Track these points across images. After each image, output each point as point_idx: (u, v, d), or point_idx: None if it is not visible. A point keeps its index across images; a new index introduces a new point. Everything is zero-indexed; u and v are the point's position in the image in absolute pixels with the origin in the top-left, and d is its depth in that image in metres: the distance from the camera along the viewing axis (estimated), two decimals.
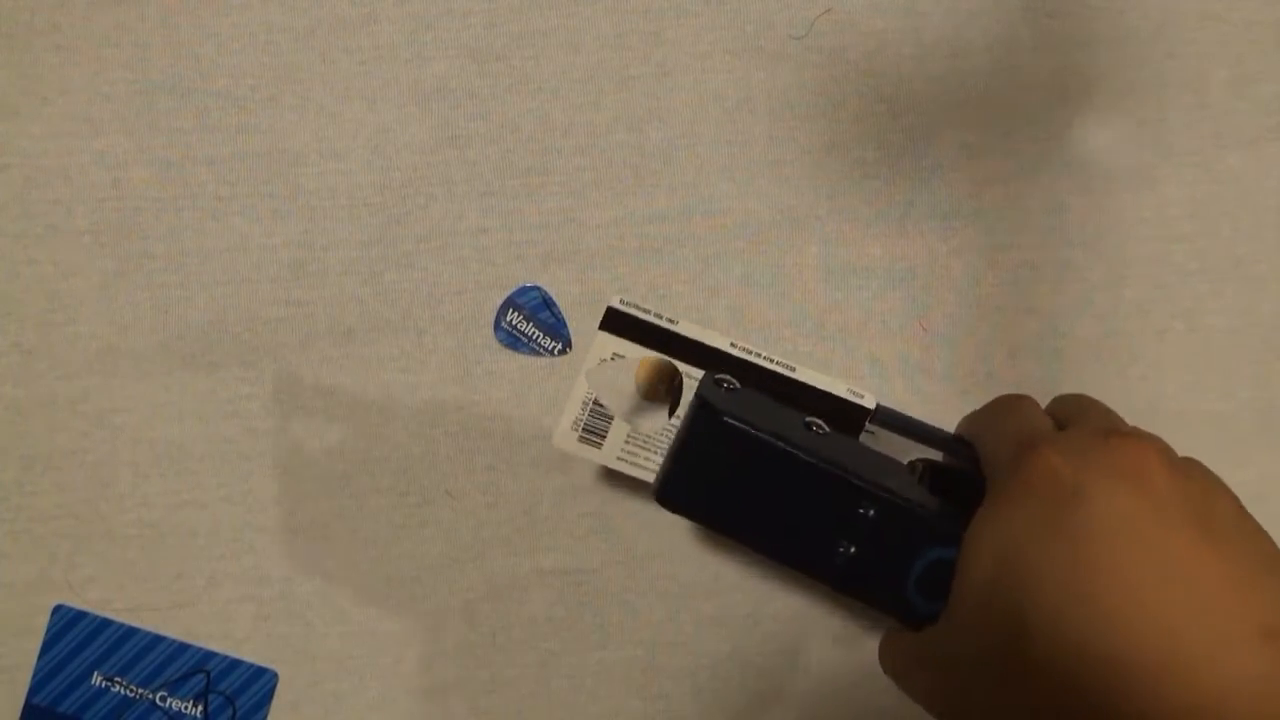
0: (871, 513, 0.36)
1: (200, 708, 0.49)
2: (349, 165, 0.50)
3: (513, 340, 0.50)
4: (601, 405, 0.43)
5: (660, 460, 0.42)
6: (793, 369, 0.41)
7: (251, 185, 0.50)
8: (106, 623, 0.50)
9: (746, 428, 0.37)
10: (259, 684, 0.50)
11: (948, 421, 0.50)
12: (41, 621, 0.50)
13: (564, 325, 0.50)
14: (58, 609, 0.50)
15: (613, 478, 0.50)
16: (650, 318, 0.41)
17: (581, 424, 0.43)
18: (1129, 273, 0.50)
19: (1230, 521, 0.31)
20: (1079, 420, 0.36)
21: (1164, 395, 0.50)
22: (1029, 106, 0.50)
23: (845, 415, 0.40)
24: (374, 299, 0.50)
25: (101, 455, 0.50)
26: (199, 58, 0.50)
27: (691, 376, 0.41)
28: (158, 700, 0.49)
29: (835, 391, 0.40)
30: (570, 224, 0.50)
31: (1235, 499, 0.32)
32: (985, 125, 0.50)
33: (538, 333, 0.50)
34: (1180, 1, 0.50)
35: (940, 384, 0.50)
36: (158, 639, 0.49)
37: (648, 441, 0.42)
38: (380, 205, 0.50)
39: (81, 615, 0.50)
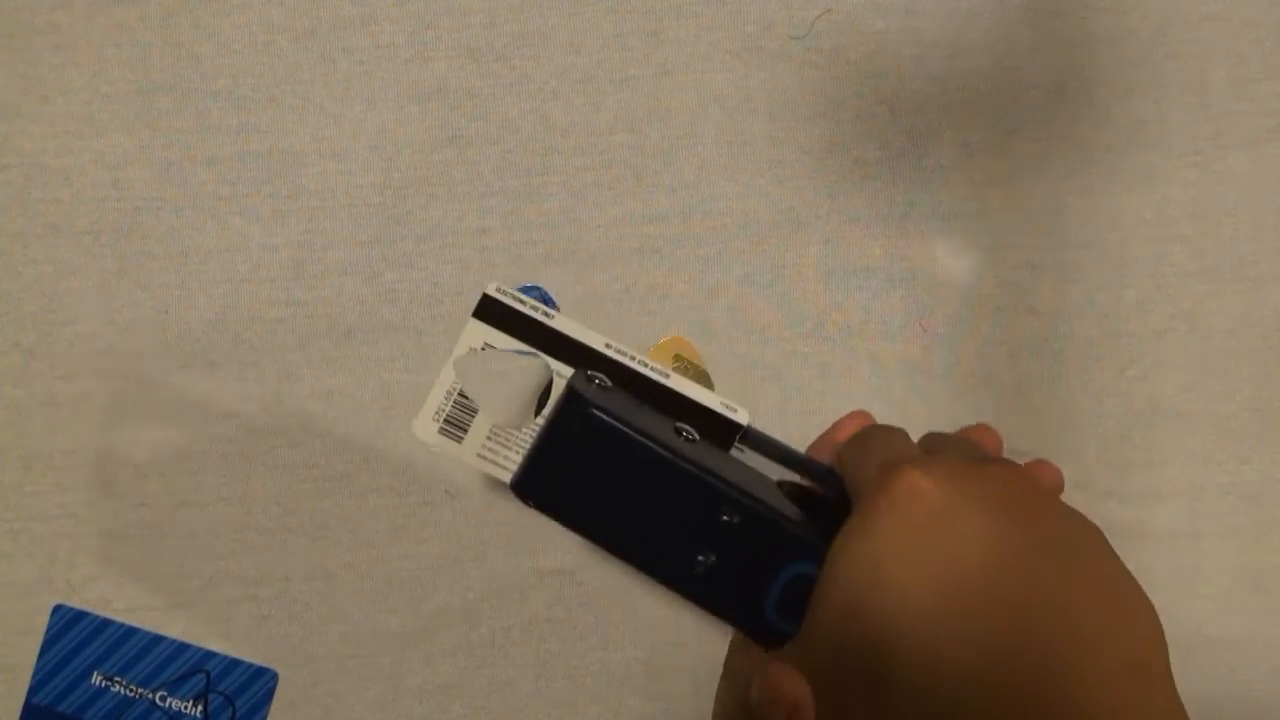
0: (735, 520, 0.35)
1: (200, 707, 0.49)
2: (349, 165, 0.50)
3: None
4: (466, 397, 0.41)
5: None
6: (666, 375, 0.39)
7: (251, 185, 0.50)
8: (106, 622, 0.50)
9: (614, 422, 0.35)
10: (259, 684, 0.50)
11: (947, 423, 0.50)
12: (41, 621, 0.50)
13: None
14: (58, 609, 0.50)
15: None
16: (526, 309, 0.39)
17: (444, 415, 0.40)
18: (1129, 273, 0.50)
19: (1098, 553, 0.31)
20: (949, 449, 0.35)
21: (1164, 395, 0.50)
22: (1029, 106, 0.50)
23: (716, 430, 0.39)
24: (374, 299, 0.50)
25: (101, 455, 0.50)
26: (199, 58, 0.50)
27: (562, 376, 0.39)
28: (157, 700, 0.49)
29: (708, 404, 0.39)
30: (570, 224, 0.50)
31: (1099, 531, 0.31)
32: (985, 125, 0.50)
33: None
34: (1180, 2, 0.50)
35: (940, 384, 0.50)
36: (157, 639, 0.49)
37: (510, 439, 0.40)
38: (380, 205, 0.50)
39: (81, 615, 0.50)
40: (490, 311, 0.40)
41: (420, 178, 0.50)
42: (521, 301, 0.39)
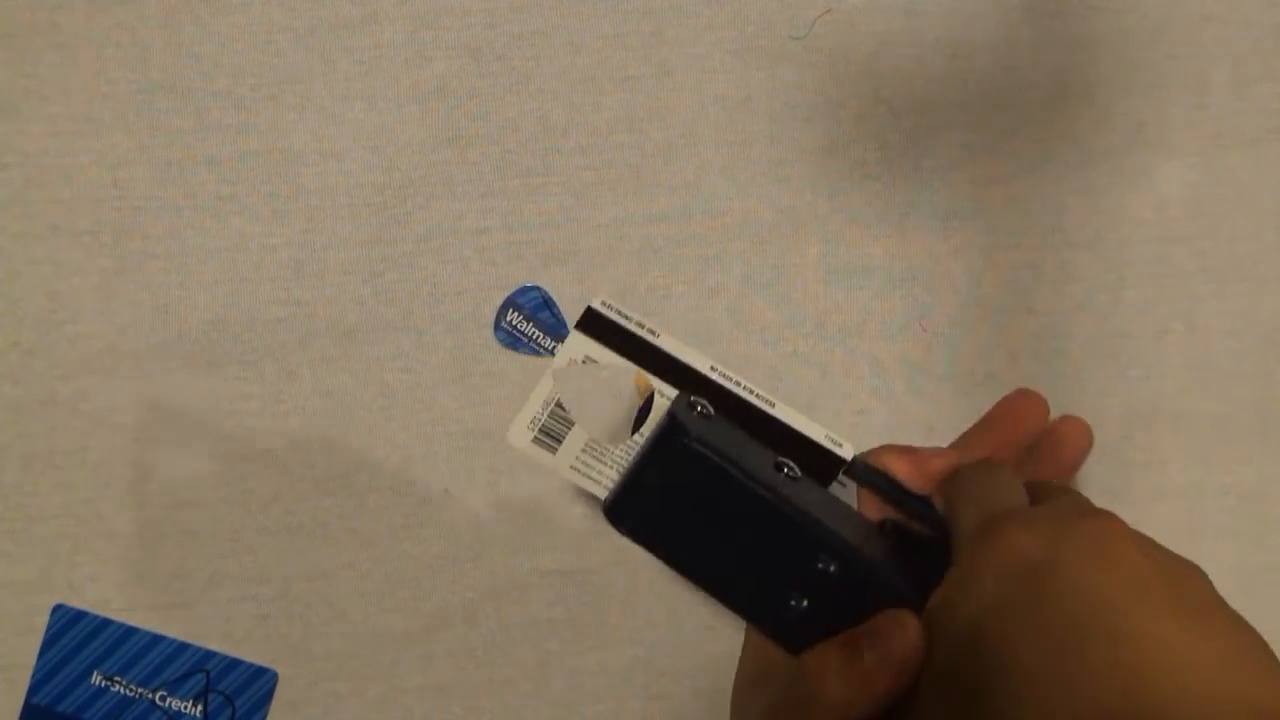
0: (832, 567, 0.34)
1: (200, 707, 0.49)
2: (349, 165, 0.50)
3: (513, 340, 0.50)
4: (563, 409, 0.40)
5: (616, 476, 0.39)
6: (772, 404, 0.38)
7: (251, 185, 0.50)
8: (106, 622, 0.50)
9: (713, 456, 0.34)
10: (258, 684, 0.50)
11: (948, 422, 0.50)
12: (41, 621, 0.50)
13: (564, 325, 0.50)
14: (57, 608, 0.50)
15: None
16: (631, 325, 0.39)
17: (539, 424, 0.40)
18: (1129, 273, 0.50)
19: (1207, 600, 0.30)
20: (1052, 500, 0.34)
21: (1164, 395, 0.50)
22: (1029, 106, 0.50)
23: (819, 461, 0.37)
24: (374, 299, 0.50)
25: (101, 455, 0.50)
26: (199, 57, 0.50)
27: (665, 395, 0.38)
28: (157, 700, 0.49)
29: (812, 436, 0.38)
30: (570, 224, 0.50)
31: (1205, 576, 0.30)
32: (985, 125, 0.50)
33: (538, 333, 0.50)
34: (1180, 2, 0.50)
35: (940, 384, 0.50)
36: (157, 638, 0.49)
37: (605, 454, 0.40)
38: (380, 205, 0.50)
39: (81, 615, 0.50)
40: (593, 324, 0.39)
41: (420, 178, 0.50)
42: (626, 317, 0.39)
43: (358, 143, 0.50)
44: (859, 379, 0.50)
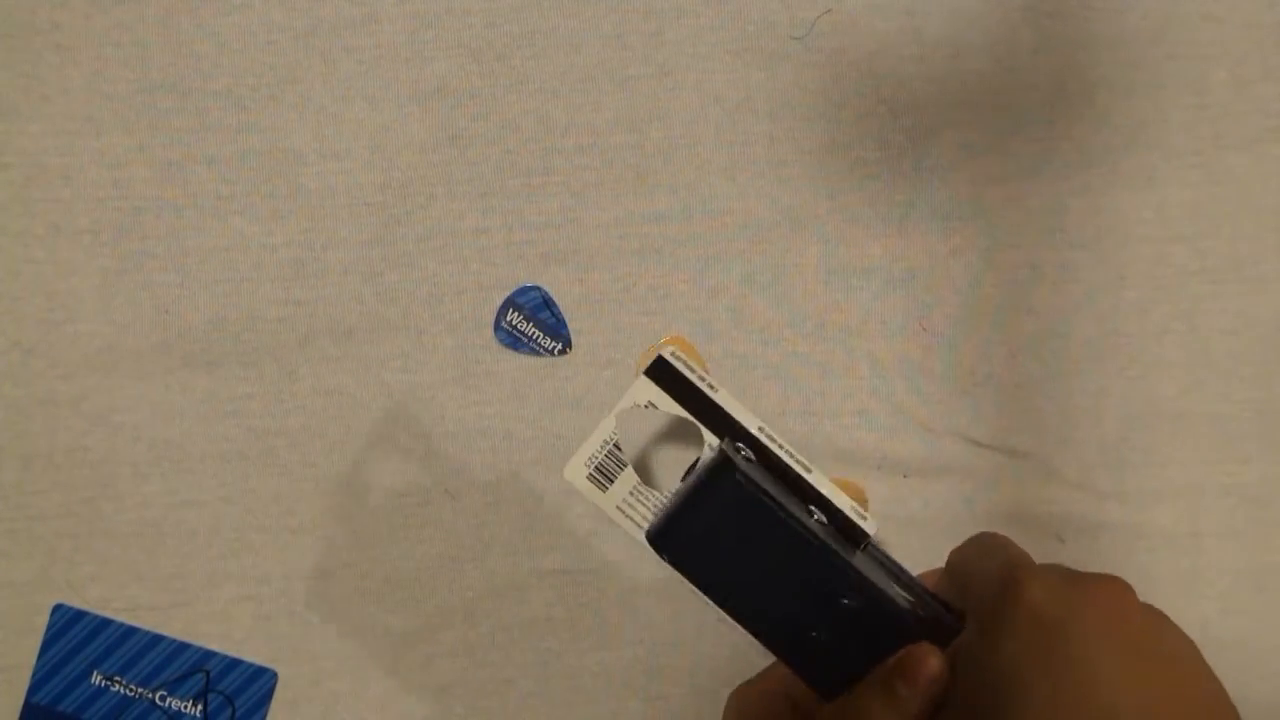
0: (855, 603, 0.37)
1: (200, 707, 0.49)
2: (349, 165, 0.50)
3: (513, 340, 0.50)
4: (619, 450, 0.43)
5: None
6: (809, 470, 0.41)
7: (251, 185, 0.50)
8: (106, 622, 0.50)
9: (759, 493, 0.37)
10: (258, 684, 0.50)
11: (948, 422, 0.50)
12: (41, 620, 0.50)
13: (564, 325, 0.50)
14: (57, 608, 0.50)
15: None
16: (694, 378, 0.41)
17: (595, 463, 0.43)
18: (1129, 273, 0.50)
19: (1193, 661, 0.33)
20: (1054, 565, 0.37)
21: (1164, 395, 0.50)
22: (1029, 107, 0.50)
23: (843, 531, 0.40)
24: (374, 299, 0.50)
25: (101, 455, 0.50)
26: (199, 57, 0.50)
27: (712, 446, 0.41)
28: (157, 699, 0.49)
29: (840, 505, 0.40)
30: (570, 224, 0.50)
31: (1189, 639, 0.34)
32: (985, 126, 0.50)
33: (538, 333, 0.50)
34: (1180, 3, 0.50)
35: (940, 384, 0.50)
36: (157, 638, 0.49)
37: (647, 498, 0.42)
38: (380, 205, 0.50)
39: (81, 614, 0.50)
40: (661, 373, 0.41)
41: (420, 178, 0.50)
42: (691, 369, 0.41)
43: (358, 143, 0.50)
44: (859, 379, 0.50)
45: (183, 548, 0.50)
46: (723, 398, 0.41)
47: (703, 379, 0.41)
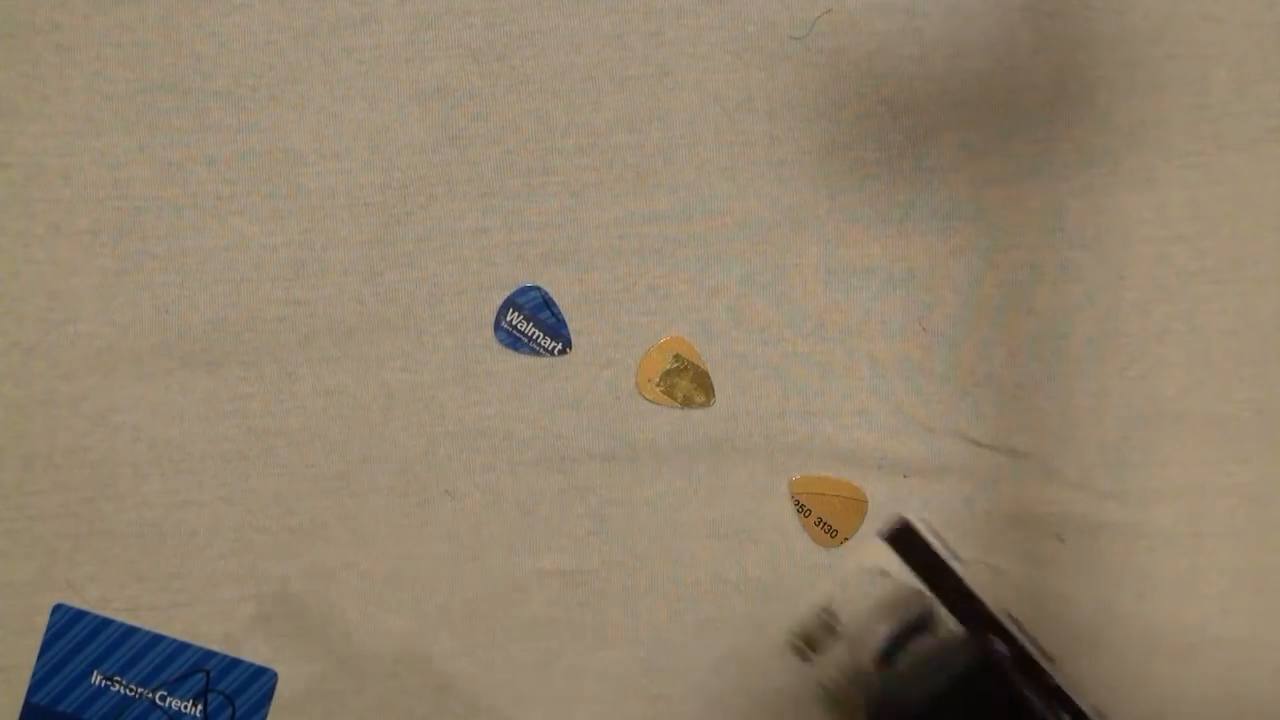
0: None
1: (200, 707, 0.49)
2: (349, 165, 0.50)
3: (513, 340, 0.50)
4: (833, 617, 0.40)
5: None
6: (1052, 660, 0.38)
7: (251, 185, 0.50)
8: (106, 622, 0.50)
9: (1021, 700, 0.35)
10: (259, 684, 0.50)
11: (948, 422, 0.50)
12: (41, 621, 0.50)
13: (564, 325, 0.50)
14: (57, 608, 0.50)
15: (613, 477, 0.50)
16: (938, 547, 0.38)
17: (808, 630, 0.41)
18: (1129, 273, 0.50)
19: None
20: None
21: (1164, 395, 0.50)
22: (1029, 107, 0.50)
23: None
24: (374, 299, 0.50)
25: (101, 455, 0.50)
26: (199, 57, 0.50)
27: (950, 628, 0.37)
28: (157, 699, 0.49)
29: (1080, 705, 0.38)
30: (570, 224, 0.50)
31: None
32: (986, 126, 0.50)
33: (538, 333, 0.50)
34: (1181, 3, 0.50)
35: (940, 384, 0.50)
36: (157, 638, 0.49)
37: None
38: (380, 205, 0.50)
39: (81, 614, 0.50)
40: (903, 540, 0.38)
41: (420, 178, 0.50)
42: (938, 537, 0.38)
43: (358, 143, 0.50)
44: (859, 379, 0.50)
45: (183, 548, 0.50)
46: (968, 572, 0.38)
47: (947, 546, 0.38)
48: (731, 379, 0.50)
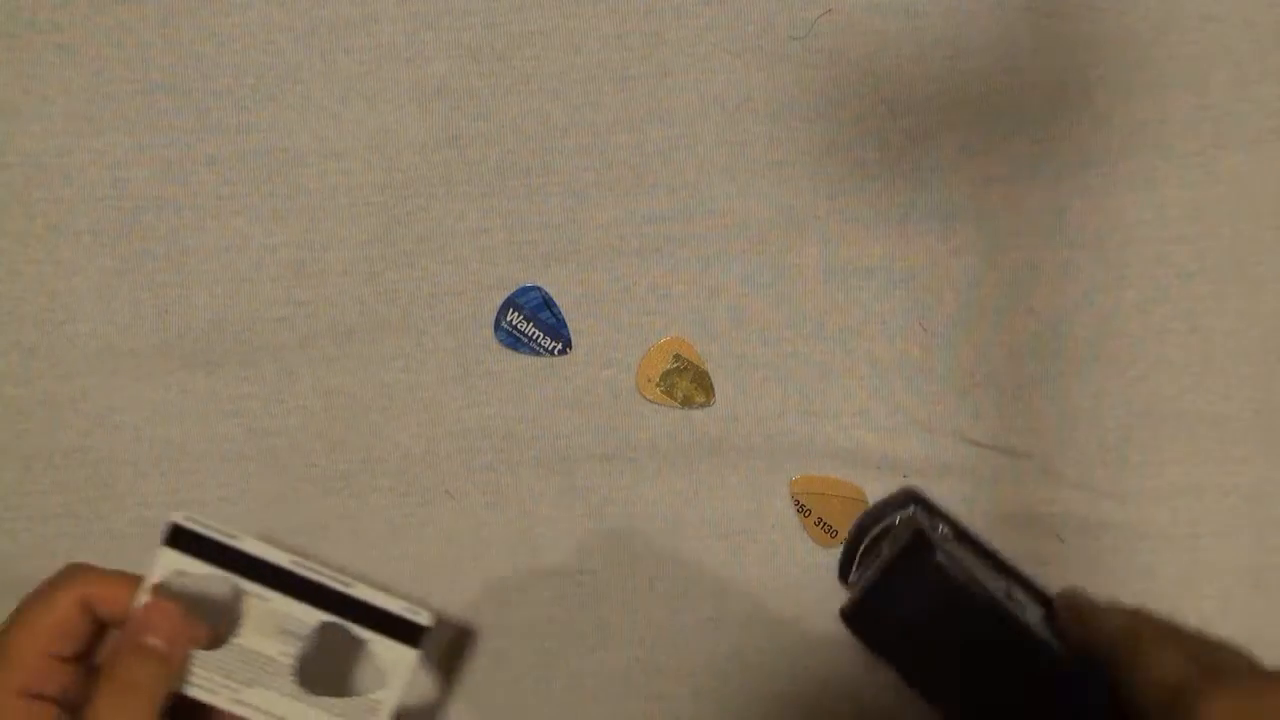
0: (1046, 677, 0.37)
1: None
2: (349, 165, 0.50)
3: (513, 340, 0.50)
4: None
5: (225, 680, 0.41)
6: (349, 584, 0.41)
7: (252, 185, 0.50)
8: None
9: (957, 571, 0.38)
10: None
11: (948, 422, 0.50)
12: None
13: (564, 325, 0.50)
14: None
15: (613, 477, 0.50)
16: (214, 534, 0.41)
17: None
18: (1129, 273, 0.50)
19: None
20: (1229, 662, 0.34)
21: (1164, 395, 0.50)
22: (1029, 107, 0.50)
23: (401, 629, 0.41)
24: (374, 299, 0.50)
25: (101, 455, 0.50)
26: (200, 57, 0.50)
27: (261, 597, 0.40)
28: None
29: (390, 609, 0.41)
30: (571, 224, 0.50)
31: None
32: (985, 126, 0.50)
33: (538, 333, 0.50)
34: (1181, 3, 0.50)
35: (940, 384, 0.50)
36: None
37: (212, 659, 0.41)
38: (380, 205, 0.50)
39: None
40: (181, 540, 0.41)
41: (420, 178, 0.50)
42: (208, 526, 0.41)
43: (358, 143, 0.50)
44: (859, 379, 0.50)
45: None
46: (248, 545, 0.41)
47: (221, 530, 0.41)
48: (731, 379, 0.50)
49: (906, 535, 0.40)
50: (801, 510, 0.50)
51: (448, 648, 0.50)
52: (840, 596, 0.49)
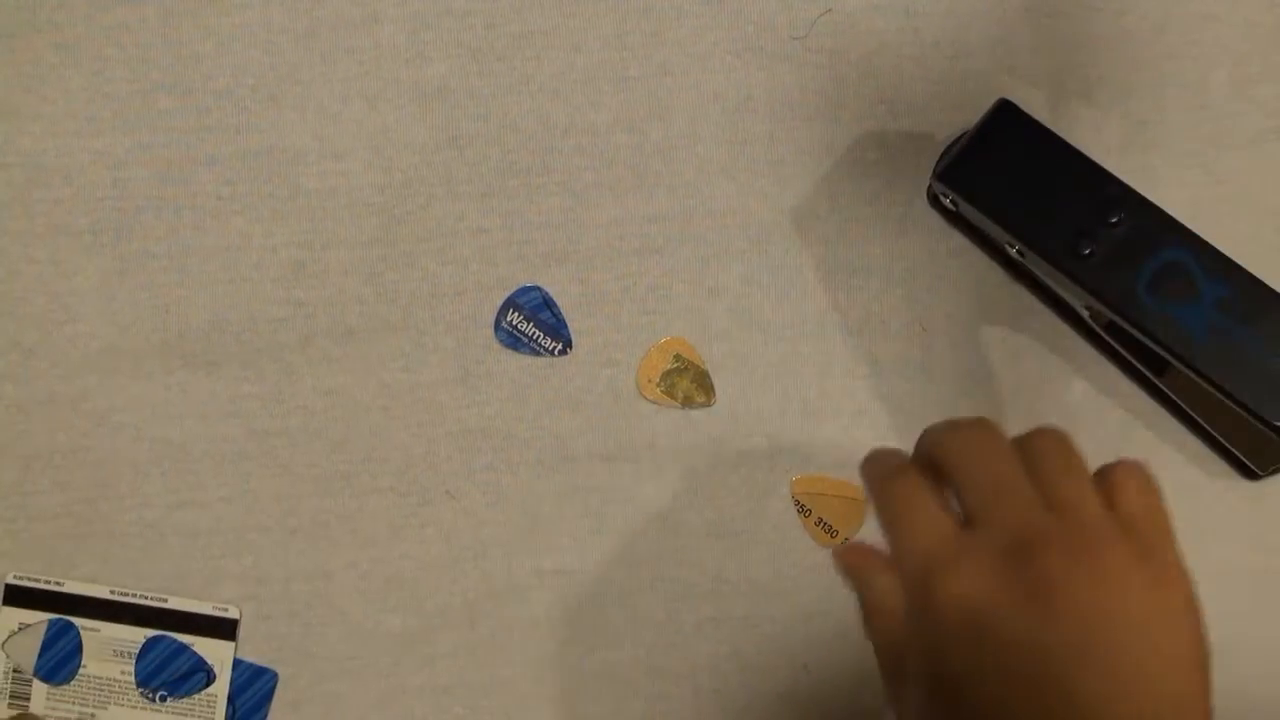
0: (1122, 218, 0.44)
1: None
2: (349, 165, 0.50)
3: (513, 340, 0.50)
4: (21, 672, 0.48)
5: (82, 708, 0.48)
6: (164, 600, 0.48)
7: (252, 185, 0.50)
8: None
9: (1042, 123, 0.45)
10: (259, 684, 0.49)
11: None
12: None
13: (564, 325, 0.50)
14: None
15: (613, 477, 0.50)
16: (41, 584, 0.48)
17: (8, 691, 0.48)
18: None
19: (1172, 562, 0.33)
20: (996, 518, 0.33)
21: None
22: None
23: (215, 627, 0.48)
24: (374, 299, 0.50)
25: (101, 455, 0.50)
26: (200, 57, 0.50)
27: (95, 629, 0.48)
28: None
29: (202, 611, 0.48)
30: (570, 224, 0.50)
31: (1181, 597, 0.32)
32: None
33: (538, 333, 0.50)
34: (1180, 2, 0.50)
35: (940, 384, 0.50)
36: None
37: (66, 692, 0.48)
38: (380, 205, 0.50)
39: None
40: (16, 597, 0.48)
41: (420, 178, 0.50)
42: (35, 579, 0.48)
43: (358, 143, 0.50)
44: (859, 379, 0.50)
45: (183, 548, 0.50)
46: (72, 586, 0.48)
47: (46, 580, 0.48)
48: (731, 379, 0.50)
49: (992, 107, 0.46)
50: (801, 510, 0.50)
51: (448, 647, 0.50)
52: (840, 596, 0.49)
